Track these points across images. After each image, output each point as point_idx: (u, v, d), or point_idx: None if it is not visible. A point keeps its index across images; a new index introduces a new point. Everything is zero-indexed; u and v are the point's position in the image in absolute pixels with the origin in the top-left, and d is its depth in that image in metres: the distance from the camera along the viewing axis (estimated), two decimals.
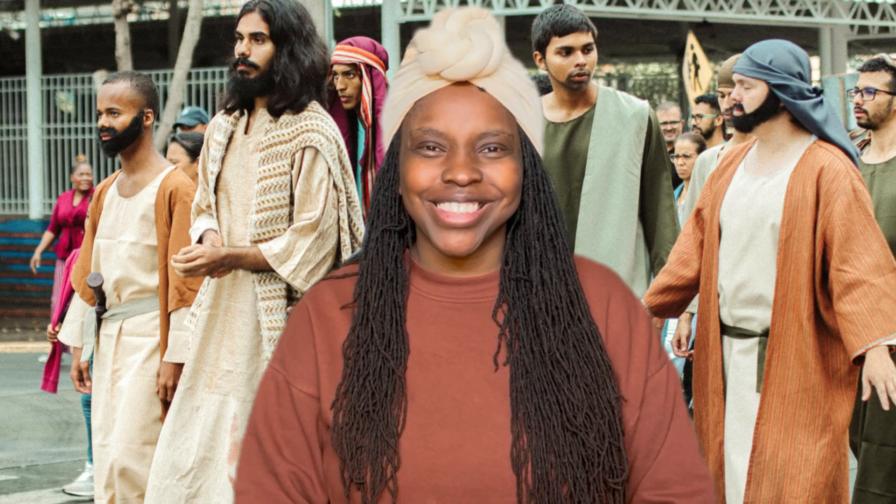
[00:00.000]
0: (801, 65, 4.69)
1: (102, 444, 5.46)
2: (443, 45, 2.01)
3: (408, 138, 2.04)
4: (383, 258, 2.07)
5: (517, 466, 1.98)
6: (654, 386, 2.06)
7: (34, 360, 13.86)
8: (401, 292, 2.06)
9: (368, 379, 2.02)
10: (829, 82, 7.32)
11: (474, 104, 2.01)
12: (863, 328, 4.45)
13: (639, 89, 31.37)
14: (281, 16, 4.84)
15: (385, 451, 1.98)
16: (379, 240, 2.07)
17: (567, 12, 5.26)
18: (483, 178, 2.00)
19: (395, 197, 2.08)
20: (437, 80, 2.03)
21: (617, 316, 2.08)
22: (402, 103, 2.06)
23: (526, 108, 2.05)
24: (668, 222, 5.41)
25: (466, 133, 2.00)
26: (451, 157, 2.00)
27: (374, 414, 2.00)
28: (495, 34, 2.03)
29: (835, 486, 4.63)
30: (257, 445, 2.07)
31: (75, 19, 31.25)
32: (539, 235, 2.05)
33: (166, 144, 11.23)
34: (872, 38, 23.59)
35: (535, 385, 2.00)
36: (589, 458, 1.99)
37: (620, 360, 2.06)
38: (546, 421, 1.99)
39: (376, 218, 2.08)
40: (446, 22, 2.03)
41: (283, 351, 2.10)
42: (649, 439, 2.05)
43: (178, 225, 5.39)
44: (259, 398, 2.10)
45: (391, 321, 2.04)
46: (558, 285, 2.04)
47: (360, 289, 2.07)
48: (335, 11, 21.10)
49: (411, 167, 2.01)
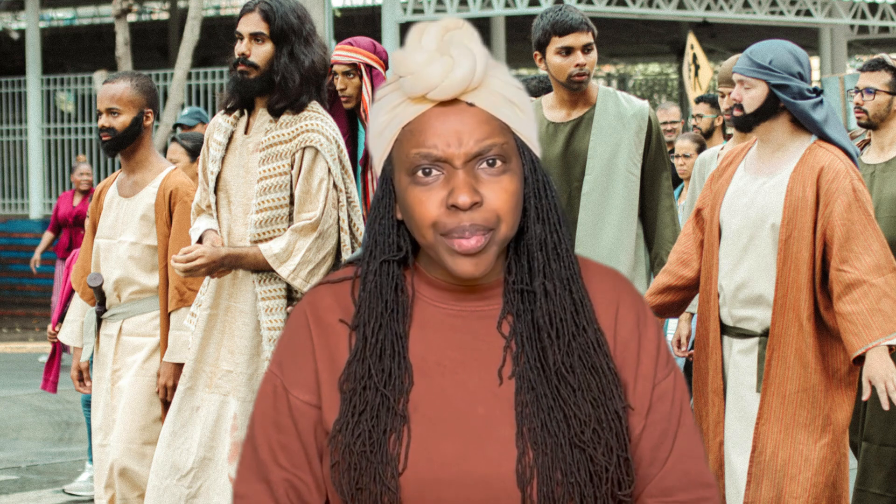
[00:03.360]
0: (801, 65, 4.69)
1: (102, 444, 5.46)
2: (424, 66, 1.92)
3: (401, 163, 1.96)
4: (382, 290, 2.00)
5: (522, 483, 1.94)
6: (660, 393, 2.04)
7: (34, 360, 13.85)
8: (402, 322, 2.00)
9: (364, 416, 1.96)
10: (829, 82, 7.31)
11: (465, 122, 1.94)
12: (863, 328, 4.45)
13: (639, 89, 31.36)
14: (281, 16, 4.84)
15: (385, 493, 1.94)
16: (378, 271, 2.01)
17: (567, 12, 5.27)
18: (483, 202, 1.94)
19: (394, 224, 2.01)
20: (422, 102, 1.95)
21: (626, 323, 2.05)
22: (388, 129, 1.98)
23: (518, 114, 1.99)
24: (668, 222, 5.41)
25: (462, 154, 1.93)
26: (451, 179, 1.93)
27: (370, 455, 1.95)
28: (475, 44, 1.95)
29: (835, 486, 4.63)
30: (253, 451, 2.05)
31: (75, 19, 31.24)
32: (542, 245, 2.00)
33: (166, 144, 11.23)
34: (872, 38, 23.59)
35: (541, 402, 1.96)
36: (597, 473, 1.96)
37: (629, 367, 2.03)
38: (553, 438, 1.95)
39: (374, 247, 2.01)
40: (422, 39, 1.95)
41: (281, 355, 2.07)
42: (654, 446, 2.03)
43: (178, 225, 5.38)
44: (258, 400, 2.07)
45: (392, 355, 1.98)
46: (562, 295, 2.00)
47: (358, 321, 2.02)
48: (335, 11, 21.10)
49: (415, 201, 1.94)
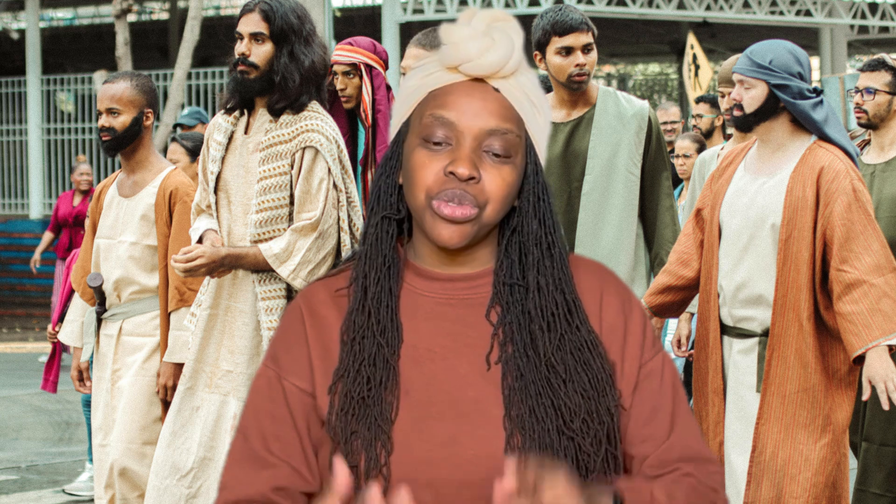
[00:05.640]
0: (801, 65, 4.69)
1: (102, 444, 5.46)
2: (466, 40, 2.03)
3: (417, 126, 2.04)
4: (381, 244, 2.07)
5: None
6: (648, 372, 2.07)
7: (34, 360, 13.86)
8: (395, 281, 2.07)
9: (364, 364, 2.02)
10: (829, 82, 7.32)
11: (487, 101, 2.02)
12: (863, 328, 4.45)
13: (639, 89, 31.36)
14: (281, 16, 4.84)
15: (379, 437, 1.99)
16: (378, 226, 2.08)
17: (567, 12, 5.27)
18: (480, 180, 2.00)
19: (396, 185, 2.08)
20: (454, 73, 2.04)
21: (610, 308, 2.09)
22: (416, 92, 2.07)
23: (536, 116, 2.07)
24: (668, 222, 5.41)
25: (476, 128, 2.01)
26: (456, 150, 2.01)
27: (368, 400, 2.00)
28: (518, 38, 2.05)
29: (835, 486, 4.63)
30: (243, 442, 2.07)
31: (75, 19, 31.23)
32: (538, 242, 2.06)
33: (166, 144, 11.23)
34: (872, 38, 23.58)
35: (529, 388, 2.00)
36: (584, 462, 1.99)
37: (615, 350, 2.06)
38: (540, 424, 1.99)
39: (376, 204, 2.09)
40: (472, 20, 2.05)
41: (275, 348, 2.10)
42: (644, 422, 2.05)
43: (178, 225, 5.38)
44: (251, 395, 2.10)
45: (387, 308, 2.05)
46: (554, 293, 2.04)
47: (357, 273, 2.08)
48: (335, 11, 21.10)
49: (417, 163, 2.02)
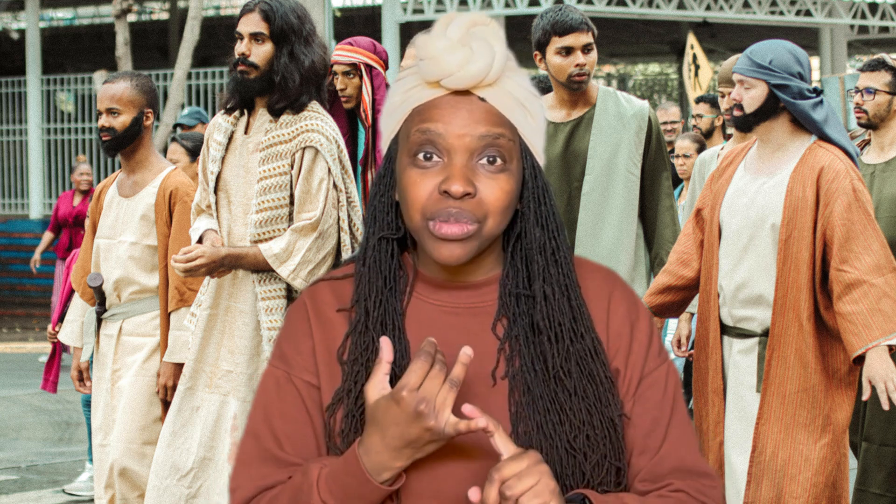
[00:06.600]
0: (801, 65, 4.69)
1: (102, 444, 5.46)
2: (443, 53, 1.95)
3: (405, 143, 1.99)
4: (381, 266, 2.03)
5: None
6: (651, 382, 2.04)
7: (34, 360, 13.86)
8: (400, 299, 2.04)
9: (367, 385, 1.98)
10: (829, 82, 7.32)
11: (473, 113, 1.96)
12: (863, 328, 4.45)
13: (639, 89, 31.37)
14: (281, 16, 4.84)
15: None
16: (376, 247, 2.04)
17: (567, 12, 5.27)
18: (476, 194, 1.95)
19: (392, 203, 2.03)
20: (436, 88, 1.98)
21: (617, 314, 2.06)
22: (400, 109, 2.01)
23: (528, 119, 2.00)
24: (668, 222, 5.41)
25: (466, 140, 1.95)
26: (448, 166, 1.95)
27: None
28: (498, 43, 1.98)
29: (835, 486, 4.63)
30: (255, 443, 2.04)
31: (75, 19, 31.24)
32: (541, 249, 2.02)
33: (166, 144, 11.23)
34: (872, 38, 23.59)
35: (537, 404, 1.98)
36: (591, 475, 1.98)
37: (620, 355, 2.04)
38: (548, 441, 1.97)
39: (373, 224, 2.04)
40: (448, 28, 1.97)
41: (281, 347, 2.08)
42: (645, 434, 2.03)
43: (178, 225, 5.38)
44: (258, 397, 2.07)
45: (393, 329, 2.01)
46: (561, 301, 2.01)
47: (358, 296, 2.04)
48: (335, 11, 21.10)
49: (410, 182, 1.96)
